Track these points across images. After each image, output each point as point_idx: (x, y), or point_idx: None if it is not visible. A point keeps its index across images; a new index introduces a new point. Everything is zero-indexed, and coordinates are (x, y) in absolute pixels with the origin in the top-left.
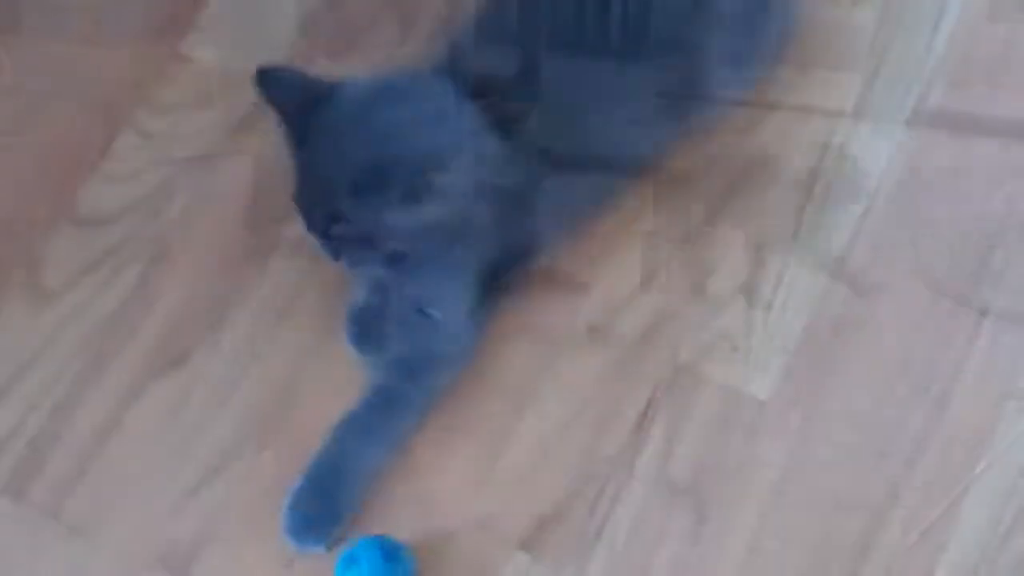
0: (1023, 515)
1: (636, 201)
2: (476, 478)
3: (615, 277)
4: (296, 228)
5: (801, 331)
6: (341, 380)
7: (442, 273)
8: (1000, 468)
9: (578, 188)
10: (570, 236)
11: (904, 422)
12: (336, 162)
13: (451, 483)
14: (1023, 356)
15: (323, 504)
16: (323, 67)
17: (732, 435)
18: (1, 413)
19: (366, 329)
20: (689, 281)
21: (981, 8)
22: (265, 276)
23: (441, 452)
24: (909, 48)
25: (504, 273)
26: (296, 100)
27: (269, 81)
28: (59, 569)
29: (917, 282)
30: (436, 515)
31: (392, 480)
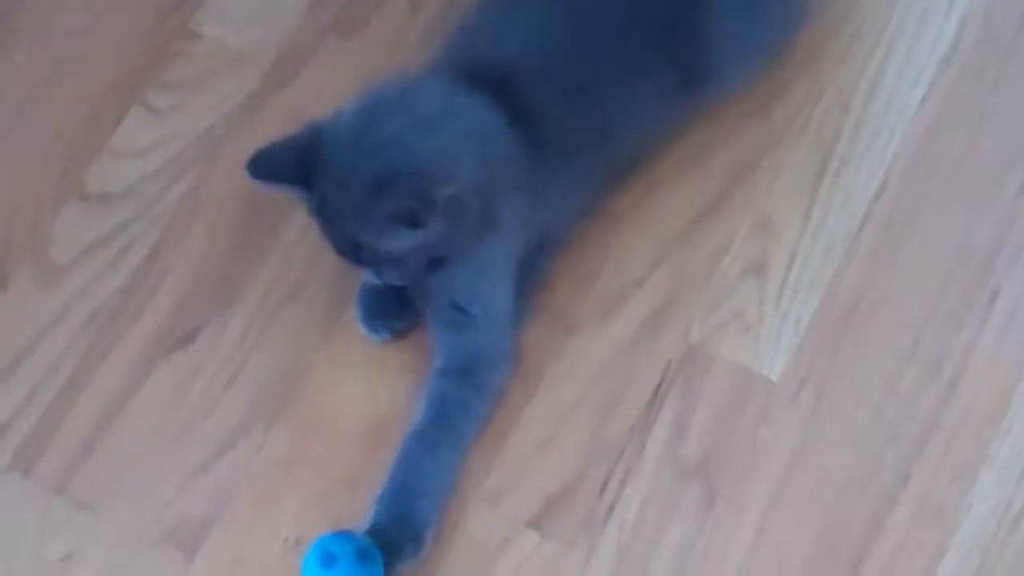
0: None
1: (648, 179)
2: (486, 456)
3: (626, 256)
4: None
5: (813, 311)
6: (351, 359)
7: (477, 269)
8: (1011, 450)
9: (593, 169)
10: (583, 217)
11: (915, 404)
12: (342, 194)
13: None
14: None
15: (402, 525)
16: (332, 44)
17: (743, 415)
18: (10, 389)
19: (377, 308)
20: (700, 260)
21: None
22: (275, 254)
23: None
24: (922, 28)
25: (533, 265)
26: (291, 164)
27: (259, 168)
28: (65, 544)
29: (930, 263)
30: None
31: None
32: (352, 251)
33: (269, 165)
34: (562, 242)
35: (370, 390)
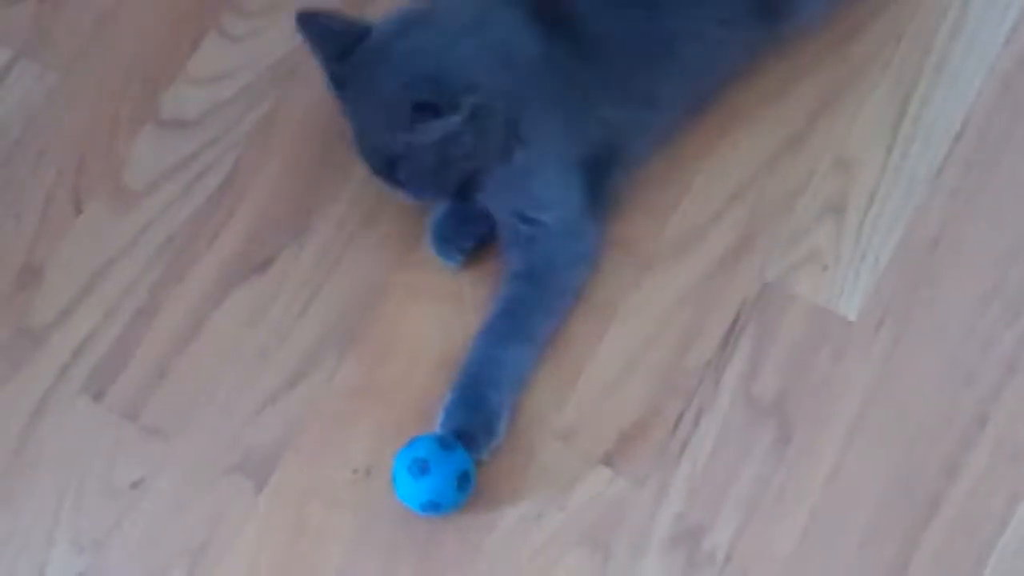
0: None
1: (725, 114)
2: (559, 392)
3: (703, 193)
4: None
5: (892, 251)
6: (425, 289)
7: (531, 178)
8: None
9: (656, 91)
10: (659, 147)
11: (994, 346)
12: (375, 104)
13: (534, 396)
14: None
15: (473, 415)
16: None
17: (819, 355)
18: (83, 313)
19: (448, 232)
20: (778, 198)
21: None
22: (349, 182)
23: None
24: None
25: (603, 186)
26: (335, 44)
27: (309, 25)
28: (136, 470)
29: (1011, 204)
30: (518, 427)
31: None
32: (386, 166)
33: (317, 27)
34: (635, 167)
35: (444, 321)
